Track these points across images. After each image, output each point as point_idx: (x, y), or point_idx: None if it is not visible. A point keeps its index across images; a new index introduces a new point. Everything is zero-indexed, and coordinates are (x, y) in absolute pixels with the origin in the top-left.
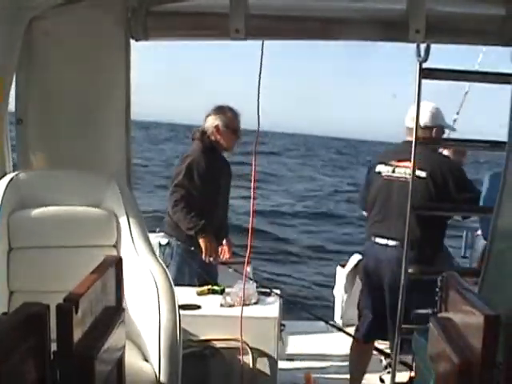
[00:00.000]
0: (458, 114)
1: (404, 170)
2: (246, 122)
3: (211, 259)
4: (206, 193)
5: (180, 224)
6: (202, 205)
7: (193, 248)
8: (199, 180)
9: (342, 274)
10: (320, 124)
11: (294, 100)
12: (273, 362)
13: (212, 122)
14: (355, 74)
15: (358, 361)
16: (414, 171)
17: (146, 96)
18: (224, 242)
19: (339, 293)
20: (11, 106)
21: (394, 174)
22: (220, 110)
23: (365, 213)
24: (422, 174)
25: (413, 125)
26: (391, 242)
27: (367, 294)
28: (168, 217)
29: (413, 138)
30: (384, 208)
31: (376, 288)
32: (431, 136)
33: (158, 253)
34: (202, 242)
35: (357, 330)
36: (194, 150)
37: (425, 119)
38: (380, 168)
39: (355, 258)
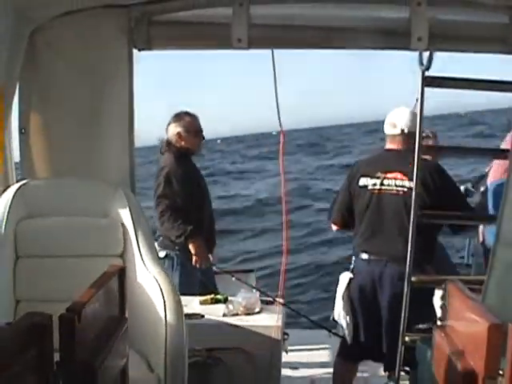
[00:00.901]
0: None
1: (394, 182)
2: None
3: (202, 265)
4: (190, 199)
5: (169, 234)
6: (188, 211)
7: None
8: (180, 187)
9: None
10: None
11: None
12: (276, 371)
13: (173, 130)
14: None
15: (344, 381)
16: (416, 177)
17: None
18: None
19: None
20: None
21: (383, 187)
22: (178, 117)
23: (334, 227)
24: (412, 184)
25: (393, 131)
26: (385, 258)
27: (361, 313)
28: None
29: (416, 146)
30: (375, 223)
31: (371, 306)
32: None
33: None
34: (191, 247)
35: (345, 349)
36: (166, 161)
37: (410, 124)
38: (364, 181)
39: (346, 277)
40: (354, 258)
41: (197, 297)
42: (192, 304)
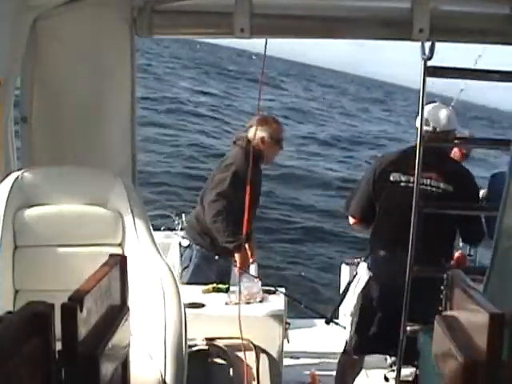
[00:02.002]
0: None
1: (429, 182)
2: None
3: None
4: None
5: (217, 234)
6: (241, 216)
7: (217, 257)
8: (242, 193)
9: (346, 272)
10: None
11: None
12: (278, 360)
13: (258, 133)
14: None
15: (351, 375)
16: (417, 173)
17: None
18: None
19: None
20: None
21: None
22: (265, 121)
23: (352, 220)
24: (449, 188)
25: (425, 128)
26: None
27: (380, 311)
28: (194, 219)
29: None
30: (406, 221)
31: (392, 305)
32: (446, 140)
33: (177, 253)
34: (238, 256)
35: (355, 343)
36: (236, 157)
37: (443, 122)
38: (396, 177)
39: (364, 274)
40: (370, 254)
41: (199, 286)
42: (194, 293)
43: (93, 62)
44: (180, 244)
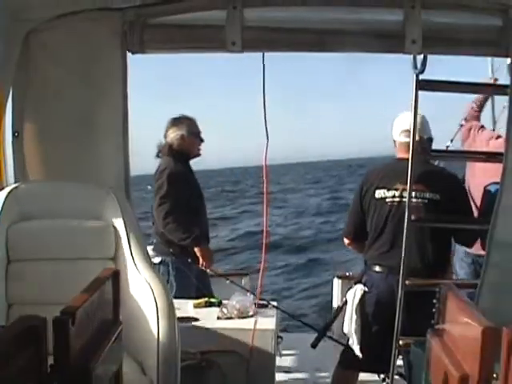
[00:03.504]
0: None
1: (415, 194)
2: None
3: (206, 268)
4: (190, 202)
5: (172, 235)
6: (190, 214)
7: (190, 260)
8: (183, 189)
9: (338, 286)
10: None
11: None
12: (270, 375)
13: (175, 133)
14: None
15: None
16: (410, 187)
17: None
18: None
19: (336, 305)
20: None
21: (404, 199)
22: (178, 121)
23: (346, 240)
24: (436, 196)
25: (407, 139)
26: (405, 271)
27: (376, 327)
28: (155, 234)
29: (409, 153)
30: (396, 236)
31: (388, 320)
32: (427, 148)
33: None
34: (198, 250)
35: (349, 359)
36: (166, 163)
37: (422, 131)
38: (381, 193)
39: (358, 290)
40: (365, 271)
41: (191, 300)
42: (186, 307)
43: (84, 76)
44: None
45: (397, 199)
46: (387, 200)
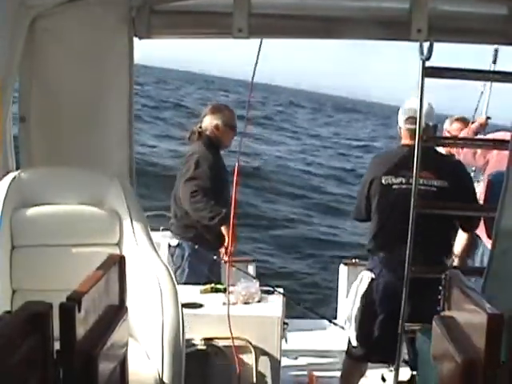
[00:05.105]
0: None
1: (423, 181)
2: None
3: (224, 254)
4: (216, 187)
5: (199, 214)
6: (216, 195)
7: (197, 246)
8: (209, 174)
9: (344, 273)
10: None
11: None
12: (275, 360)
13: (211, 121)
14: None
15: (358, 378)
16: (416, 174)
17: None
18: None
19: (342, 291)
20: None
21: (411, 186)
22: (217, 109)
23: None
24: (444, 183)
25: (413, 126)
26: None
27: (383, 314)
28: (174, 218)
29: (416, 139)
30: (403, 222)
31: (395, 307)
32: (433, 135)
33: (166, 254)
34: (224, 229)
35: (357, 348)
36: (195, 148)
37: (432, 116)
38: (388, 180)
39: (366, 277)
40: (372, 258)
41: (197, 286)
42: (192, 293)
43: (91, 62)
44: (169, 244)
45: (404, 186)
46: (394, 186)
